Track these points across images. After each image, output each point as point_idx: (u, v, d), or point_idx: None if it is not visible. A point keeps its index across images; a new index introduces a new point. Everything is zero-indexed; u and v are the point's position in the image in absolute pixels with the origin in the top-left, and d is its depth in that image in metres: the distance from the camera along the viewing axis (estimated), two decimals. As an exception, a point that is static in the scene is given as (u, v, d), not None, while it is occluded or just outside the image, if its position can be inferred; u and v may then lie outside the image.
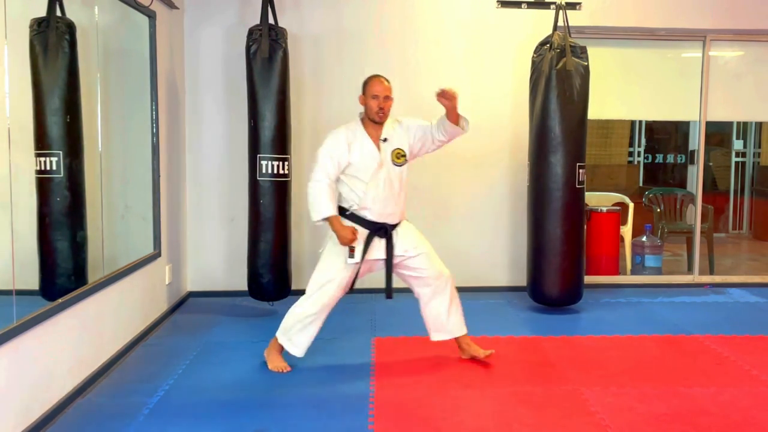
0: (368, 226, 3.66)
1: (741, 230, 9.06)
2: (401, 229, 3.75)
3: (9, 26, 2.79)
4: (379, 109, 3.63)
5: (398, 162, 3.70)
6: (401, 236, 3.73)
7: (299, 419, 3.12)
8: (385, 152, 3.67)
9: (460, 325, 3.88)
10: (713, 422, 3.09)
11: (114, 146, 4.08)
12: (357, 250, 3.61)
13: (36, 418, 2.97)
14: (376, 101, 3.63)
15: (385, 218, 3.68)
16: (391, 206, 3.68)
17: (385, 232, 3.67)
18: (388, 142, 3.69)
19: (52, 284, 3.41)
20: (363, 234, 3.63)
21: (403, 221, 3.79)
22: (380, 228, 3.66)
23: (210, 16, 5.34)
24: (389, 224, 3.69)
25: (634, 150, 9.33)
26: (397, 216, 3.72)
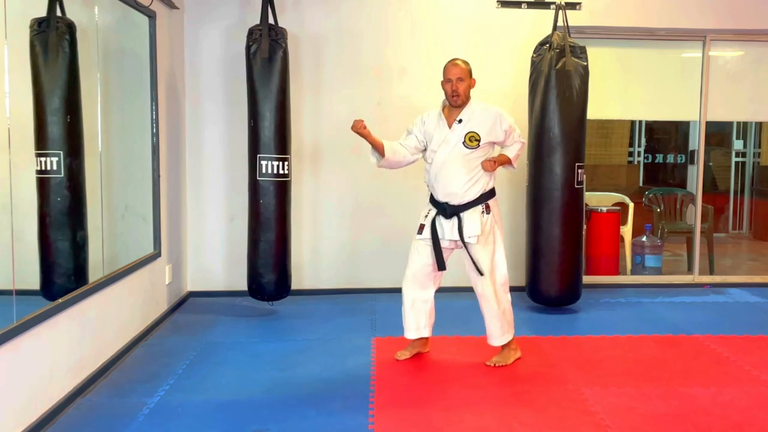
0: (435, 205, 3.77)
1: (741, 230, 9.06)
2: (471, 213, 3.71)
3: (9, 26, 2.79)
4: (453, 91, 3.72)
5: (470, 145, 3.70)
6: (466, 222, 3.71)
7: (299, 419, 3.12)
8: (456, 132, 3.72)
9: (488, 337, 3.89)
10: (713, 422, 3.09)
11: (114, 146, 4.08)
12: (426, 228, 3.75)
13: (36, 418, 2.97)
14: (450, 85, 3.73)
15: (447, 197, 3.72)
16: (451, 186, 3.70)
17: (447, 212, 3.71)
18: (463, 123, 3.73)
19: (52, 284, 3.41)
20: (433, 213, 3.76)
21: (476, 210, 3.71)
22: (444, 208, 3.72)
23: (210, 16, 5.34)
24: (451, 204, 3.71)
25: (634, 150, 9.33)
26: (458, 197, 3.70)
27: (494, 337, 3.86)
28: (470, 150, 3.70)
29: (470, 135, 3.71)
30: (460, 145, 3.70)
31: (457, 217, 3.71)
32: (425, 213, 3.82)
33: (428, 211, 3.80)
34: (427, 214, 3.79)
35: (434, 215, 3.76)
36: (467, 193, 3.71)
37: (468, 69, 3.76)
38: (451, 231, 3.72)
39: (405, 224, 5.51)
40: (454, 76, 3.71)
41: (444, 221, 3.74)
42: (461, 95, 3.72)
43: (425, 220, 3.78)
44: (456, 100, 3.72)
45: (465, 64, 3.77)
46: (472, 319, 4.60)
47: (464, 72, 3.73)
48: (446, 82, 3.74)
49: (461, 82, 3.71)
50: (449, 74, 3.73)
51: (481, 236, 3.71)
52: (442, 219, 3.74)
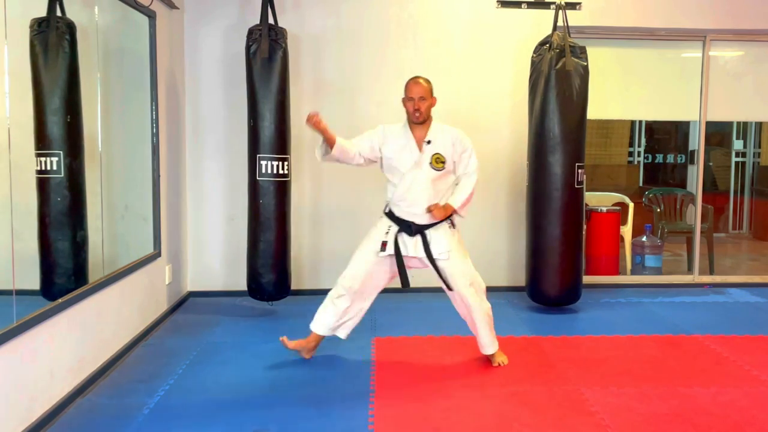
0: (397, 222, 3.73)
1: (741, 230, 9.06)
2: (437, 232, 3.73)
3: (9, 26, 2.79)
4: (415, 110, 3.70)
5: (437, 167, 3.71)
6: (434, 239, 3.72)
7: (299, 419, 3.12)
8: (426, 154, 3.71)
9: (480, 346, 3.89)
10: (713, 422, 3.09)
11: (114, 146, 4.08)
12: (389, 245, 3.72)
13: (36, 418, 2.97)
14: (412, 103, 3.71)
15: (412, 217, 3.72)
16: (419, 206, 3.70)
17: (412, 230, 3.71)
18: (431, 144, 3.72)
19: (52, 284, 3.41)
20: (394, 230, 3.73)
21: (444, 226, 3.75)
22: (408, 226, 3.71)
23: (210, 16, 5.34)
24: (416, 224, 3.71)
25: (634, 150, 9.33)
26: (424, 218, 3.71)
27: (488, 346, 3.86)
28: (437, 172, 3.71)
29: (436, 157, 3.71)
30: (428, 166, 3.70)
31: (421, 235, 3.71)
32: (385, 229, 3.76)
33: (388, 227, 3.76)
34: (388, 231, 3.74)
35: (395, 232, 3.72)
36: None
37: (430, 88, 3.74)
38: (415, 248, 3.72)
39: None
40: (416, 95, 3.69)
41: (407, 238, 3.72)
42: (423, 114, 3.71)
43: (387, 237, 3.73)
44: (418, 118, 3.70)
45: (427, 83, 3.75)
46: (472, 319, 4.60)
47: (426, 91, 3.72)
48: (408, 101, 3.72)
49: (423, 101, 3.70)
50: (411, 93, 3.71)
51: (452, 251, 3.73)
52: (405, 236, 3.72)
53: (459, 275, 3.75)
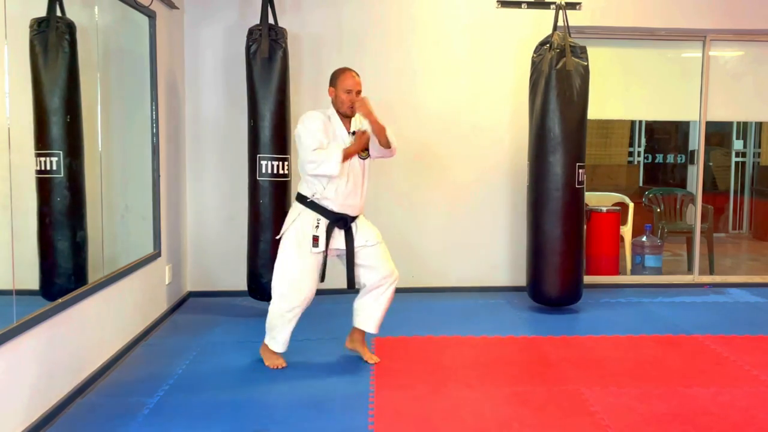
0: (329, 216, 3.68)
1: (741, 230, 9.06)
2: (360, 221, 3.79)
3: (9, 26, 2.79)
4: (352, 104, 3.68)
5: (363, 156, 3.74)
6: (360, 228, 3.77)
7: (299, 419, 3.12)
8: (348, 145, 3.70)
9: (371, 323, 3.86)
10: (713, 422, 3.09)
11: (114, 146, 4.08)
12: (320, 240, 3.66)
13: (36, 418, 2.96)
14: (349, 96, 3.68)
15: (346, 209, 3.71)
16: (353, 198, 3.71)
17: (345, 223, 3.70)
18: (356, 135, 3.72)
19: (52, 284, 3.41)
20: (324, 223, 3.67)
21: (362, 216, 3.83)
22: (340, 219, 3.69)
23: (210, 16, 5.34)
24: (349, 216, 3.72)
25: (634, 150, 9.33)
26: (357, 209, 3.75)
27: (378, 326, 3.86)
28: (364, 161, 3.74)
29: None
30: (357, 157, 3.70)
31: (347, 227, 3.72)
32: (314, 223, 3.67)
33: (317, 220, 3.67)
34: (318, 225, 3.66)
35: (326, 225, 3.66)
36: (363, 203, 3.78)
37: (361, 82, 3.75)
38: (343, 240, 3.72)
39: (404, 224, 5.53)
40: (354, 88, 3.68)
41: (337, 232, 3.71)
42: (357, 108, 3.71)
43: (317, 231, 3.65)
44: (353, 111, 3.70)
45: (358, 75, 3.76)
46: (472, 319, 4.62)
47: (361, 85, 3.73)
48: (345, 93, 3.67)
49: (359, 95, 3.70)
50: (350, 85, 3.67)
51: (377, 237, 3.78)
52: (335, 230, 3.70)
53: (385, 253, 3.78)
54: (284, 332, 3.77)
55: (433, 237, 5.59)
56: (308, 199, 3.69)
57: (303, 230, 3.68)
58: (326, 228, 3.66)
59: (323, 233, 3.66)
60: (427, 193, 5.54)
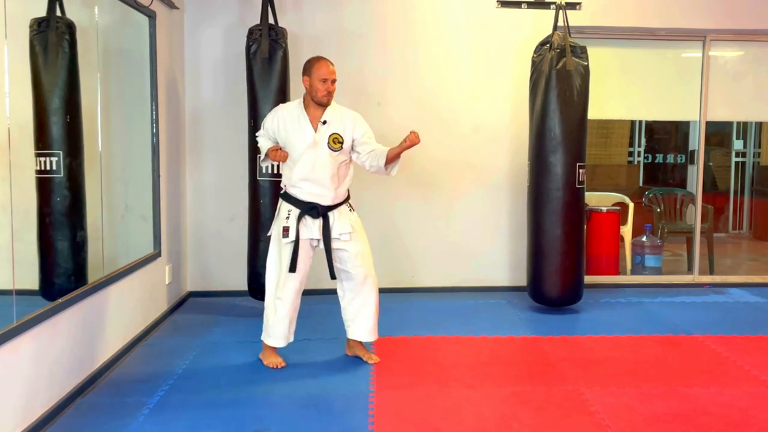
0: (298, 205, 3.69)
1: (741, 230, 9.06)
2: (338, 213, 3.74)
3: (9, 26, 2.79)
4: (328, 92, 3.68)
5: (334, 147, 3.70)
6: (337, 219, 3.73)
7: (299, 419, 3.12)
8: (322, 134, 3.69)
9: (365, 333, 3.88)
10: (713, 422, 3.09)
11: (114, 146, 4.08)
12: (291, 230, 3.66)
13: (36, 418, 2.96)
14: (325, 85, 3.67)
15: (316, 198, 3.69)
16: (320, 188, 3.68)
17: (318, 212, 3.68)
18: (327, 125, 3.70)
19: (52, 284, 3.41)
20: (295, 213, 3.68)
21: (345, 207, 3.77)
22: (312, 208, 3.68)
23: (210, 16, 5.34)
24: (321, 205, 3.69)
25: (634, 150, 9.33)
26: (328, 198, 3.70)
27: (374, 332, 3.88)
28: (335, 152, 3.69)
29: (334, 137, 3.70)
30: (326, 146, 3.68)
31: (322, 217, 3.70)
32: (285, 214, 3.70)
33: (288, 211, 3.70)
34: (288, 215, 3.69)
35: (297, 215, 3.68)
36: (339, 194, 3.74)
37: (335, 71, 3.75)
38: (318, 230, 3.71)
39: (404, 224, 5.53)
40: (330, 77, 3.67)
41: (310, 221, 3.70)
42: (332, 97, 3.71)
43: (288, 222, 3.67)
44: (329, 100, 3.70)
45: (333, 65, 3.75)
46: (472, 319, 4.61)
47: (335, 74, 3.72)
48: (321, 82, 3.66)
49: (334, 83, 3.70)
50: (325, 74, 3.66)
51: (353, 233, 3.74)
52: (308, 219, 3.70)
53: (359, 256, 3.75)
54: (278, 326, 3.76)
55: (433, 237, 5.58)
56: (282, 191, 3.77)
57: (279, 222, 3.73)
58: (296, 218, 3.67)
59: (293, 223, 3.66)
60: (427, 193, 5.54)
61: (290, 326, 3.81)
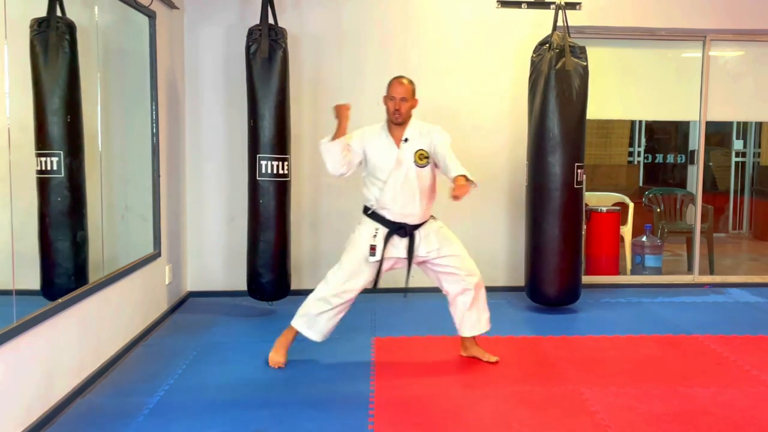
0: (388, 225, 3.69)
1: (741, 230, 9.06)
2: (425, 230, 3.74)
3: (9, 26, 2.79)
4: (395, 110, 3.69)
5: (420, 163, 3.70)
6: (424, 238, 3.73)
7: (299, 419, 3.12)
8: (405, 152, 3.69)
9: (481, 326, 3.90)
10: (713, 422, 3.09)
11: (114, 146, 4.08)
12: (377, 249, 3.67)
13: (36, 418, 2.97)
14: (393, 103, 3.70)
15: (404, 218, 3.69)
16: (411, 207, 3.68)
17: (405, 232, 3.69)
18: (409, 142, 3.71)
19: (52, 284, 3.41)
20: (383, 232, 3.68)
21: (430, 222, 3.78)
22: (400, 228, 3.69)
23: (210, 16, 5.34)
24: (409, 224, 3.70)
25: (634, 150, 9.33)
26: (417, 217, 3.71)
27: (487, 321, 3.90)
28: (421, 168, 3.69)
29: (419, 153, 3.70)
30: (412, 164, 3.68)
31: (409, 236, 3.70)
32: (372, 232, 3.70)
33: (375, 229, 3.70)
34: (376, 234, 3.69)
35: (384, 234, 3.68)
36: (426, 212, 3.75)
37: (412, 89, 3.74)
38: (405, 249, 3.72)
39: (405, 224, 5.52)
40: (398, 95, 3.69)
41: (397, 240, 3.71)
42: (403, 114, 3.70)
43: (375, 241, 3.68)
44: (397, 118, 3.70)
45: (410, 83, 3.75)
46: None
47: (408, 92, 3.71)
48: (389, 99, 3.71)
49: (404, 102, 3.69)
50: (393, 92, 3.70)
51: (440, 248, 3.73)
52: (395, 238, 3.70)
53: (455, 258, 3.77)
54: (328, 325, 3.80)
55: (433, 237, 5.57)
56: (369, 210, 3.75)
57: (364, 238, 3.71)
58: (384, 237, 3.68)
59: (380, 242, 3.67)
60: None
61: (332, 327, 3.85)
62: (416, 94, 3.77)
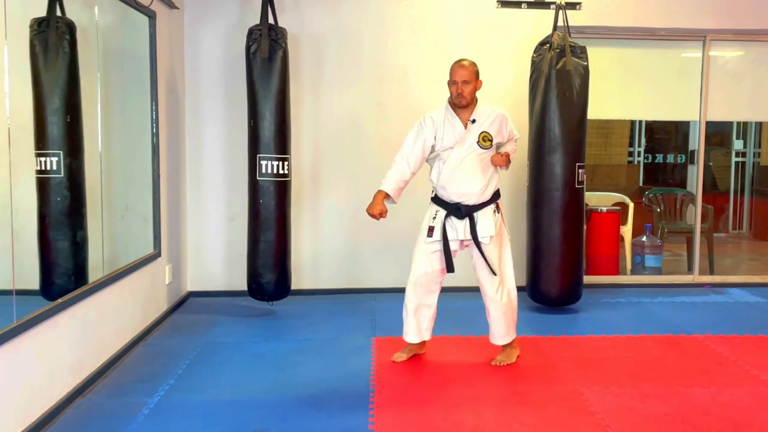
0: (445, 206, 3.73)
1: (741, 230, 9.06)
2: (483, 214, 3.71)
3: (9, 26, 2.79)
4: (458, 94, 3.70)
5: (484, 145, 3.70)
6: (481, 220, 3.71)
7: (299, 419, 3.12)
8: (471, 132, 3.71)
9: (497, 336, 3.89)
10: (713, 422, 3.09)
11: (114, 146, 4.08)
12: (436, 231, 3.72)
13: (36, 418, 2.97)
14: (455, 87, 3.71)
15: (460, 197, 3.70)
16: (468, 186, 3.69)
17: (462, 212, 3.69)
18: (476, 123, 3.72)
19: (52, 284, 3.41)
20: (442, 214, 3.73)
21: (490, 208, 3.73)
22: (458, 209, 3.70)
23: (210, 16, 5.34)
24: (465, 204, 3.70)
25: (634, 150, 9.33)
26: (474, 197, 3.69)
27: (498, 336, 3.87)
28: (484, 150, 3.70)
29: (483, 135, 3.70)
30: (475, 145, 3.69)
31: (469, 218, 3.70)
32: (432, 215, 3.77)
33: (435, 212, 3.76)
34: (435, 216, 3.75)
35: (444, 216, 3.73)
36: (484, 193, 3.71)
37: (474, 71, 3.73)
38: (464, 231, 3.71)
39: (405, 224, 5.51)
40: (459, 78, 3.69)
41: (456, 222, 3.71)
42: (466, 97, 3.70)
43: (434, 222, 3.74)
44: (461, 101, 3.71)
45: (472, 65, 3.74)
46: (472, 319, 4.61)
47: (470, 74, 3.70)
48: (452, 84, 3.72)
49: (467, 84, 3.69)
50: (455, 76, 3.71)
51: (494, 236, 3.72)
52: (454, 220, 3.72)
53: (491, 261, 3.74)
54: (410, 323, 3.83)
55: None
56: (432, 194, 3.84)
57: (424, 222, 3.81)
58: (442, 219, 3.72)
59: (438, 224, 3.71)
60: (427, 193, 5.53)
61: (419, 324, 3.84)
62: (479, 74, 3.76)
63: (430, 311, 3.86)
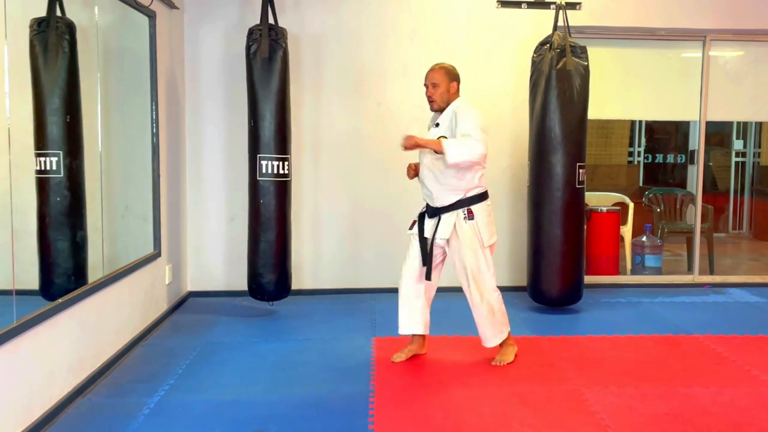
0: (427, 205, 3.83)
1: (741, 230, 9.06)
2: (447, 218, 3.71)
3: (9, 26, 2.79)
4: (428, 97, 3.75)
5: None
6: (442, 224, 3.72)
7: (299, 419, 3.12)
8: (433, 136, 3.73)
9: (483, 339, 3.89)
10: (713, 422, 3.09)
11: (114, 146, 4.08)
12: (415, 225, 3.85)
13: (36, 418, 2.97)
14: (426, 90, 3.75)
15: (427, 198, 3.81)
16: (430, 189, 3.75)
17: (429, 213, 3.78)
18: (439, 127, 3.75)
19: (52, 284, 3.41)
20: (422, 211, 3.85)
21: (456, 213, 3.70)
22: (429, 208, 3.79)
23: (210, 16, 5.34)
24: (432, 206, 3.77)
25: (634, 150, 9.33)
26: (437, 200, 3.73)
27: (487, 339, 3.88)
28: (438, 155, 3.63)
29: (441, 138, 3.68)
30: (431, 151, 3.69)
31: (437, 218, 3.75)
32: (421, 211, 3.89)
33: (422, 209, 3.88)
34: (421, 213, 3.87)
35: (422, 213, 3.84)
36: (441, 197, 3.72)
37: (444, 72, 3.71)
38: (431, 230, 3.77)
39: (405, 224, 5.51)
40: (428, 81, 3.74)
41: (427, 220, 3.81)
42: (436, 100, 3.72)
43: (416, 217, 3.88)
44: (432, 105, 3.76)
45: (442, 68, 3.73)
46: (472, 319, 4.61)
47: (440, 76, 3.70)
48: (425, 87, 3.77)
49: (436, 87, 3.70)
50: (425, 79, 3.77)
51: (456, 240, 3.71)
52: (426, 218, 3.82)
53: (462, 268, 3.76)
54: (400, 314, 3.90)
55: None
56: None
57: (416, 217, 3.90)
58: (419, 214, 3.84)
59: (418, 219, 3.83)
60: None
61: (410, 315, 3.87)
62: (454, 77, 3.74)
63: (419, 302, 3.87)
